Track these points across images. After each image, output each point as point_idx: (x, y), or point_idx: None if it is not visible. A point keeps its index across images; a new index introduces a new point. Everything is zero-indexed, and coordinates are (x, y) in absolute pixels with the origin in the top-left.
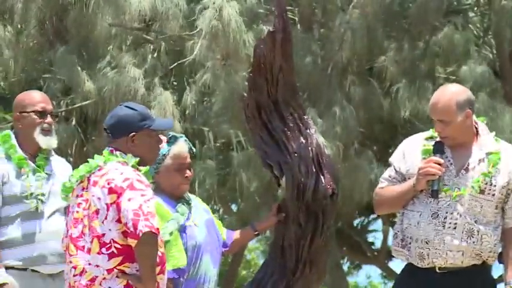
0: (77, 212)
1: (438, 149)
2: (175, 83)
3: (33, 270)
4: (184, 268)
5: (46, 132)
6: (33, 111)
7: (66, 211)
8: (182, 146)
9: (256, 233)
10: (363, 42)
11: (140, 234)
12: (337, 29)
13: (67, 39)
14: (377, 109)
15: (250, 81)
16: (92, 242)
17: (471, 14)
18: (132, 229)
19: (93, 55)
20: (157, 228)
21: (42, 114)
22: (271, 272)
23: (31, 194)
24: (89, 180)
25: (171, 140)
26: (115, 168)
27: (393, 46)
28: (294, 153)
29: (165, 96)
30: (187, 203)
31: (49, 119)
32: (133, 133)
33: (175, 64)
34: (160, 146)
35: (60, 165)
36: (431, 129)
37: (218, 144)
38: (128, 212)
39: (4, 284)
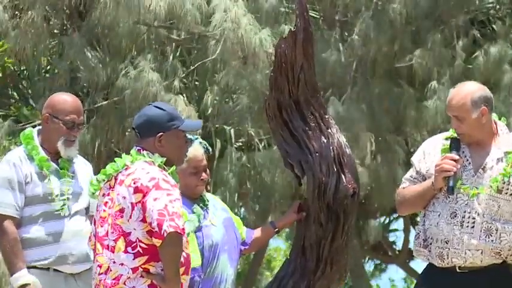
0: (104, 210)
1: (454, 145)
2: (196, 83)
3: (55, 270)
4: (198, 267)
5: (70, 143)
6: (62, 121)
7: (96, 210)
8: (197, 149)
9: (276, 230)
10: (387, 39)
11: (165, 235)
12: (361, 26)
13: (86, 37)
14: (404, 107)
15: (272, 81)
16: (116, 240)
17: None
18: (157, 229)
19: (112, 54)
20: (183, 229)
21: (71, 125)
22: (292, 271)
23: (57, 195)
24: (115, 179)
25: (188, 145)
26: (141, 167)
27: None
28: (315, 153)
29: (177, 100)
30: (204, 203)
31: (76, 131)
32: (161, 133)
33: (197, 64)
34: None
35: (81, 166)
36: (451, 129)
37: (240, 144)
38: (153, 211)
39: (27, 284)
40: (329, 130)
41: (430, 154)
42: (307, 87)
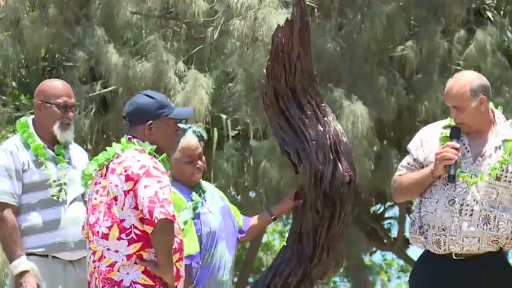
0: (95, 198)
1: (454, 134)
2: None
3: (54, 257)
4: (196, 254)
5: (65, 126)
6: (55, 104)
7: (88, 198)
8: (190, 138)
9: (273, 217)
10: (382, 30)
11: (156, 221)
12: (357, 16)
13: (89, 24)
14: (397, 97)
15: (269, 69)
16: (110, 228)
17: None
18: (148, 216)
19: (117, 40)
20: (173, 215)
21: (64, 108)
22: (288, 258)
23: (54, 181)
24: (107, 167)
25: (179, 133)
26: (132, 155)
27: (413, 35)
28: (312, 141)
29: (197, 77)
30: (202, 191)
31: (70, 113)
32: (151, 121)
33: (197, 48)
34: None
35: (77, 153)
36: (448, 118)
37: (236, 132)
38: (144, 199)
39: (26, 271)
40: (325, 118)
41: (428, 142)
42: (303, 75)
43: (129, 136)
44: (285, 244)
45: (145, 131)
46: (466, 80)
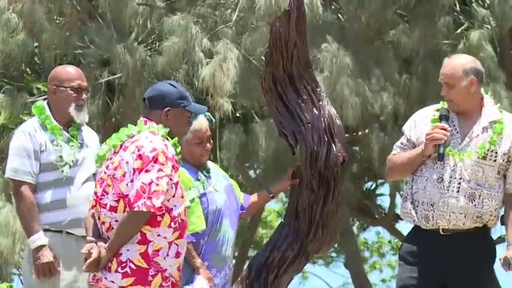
0: (104, 172)
1: (443, 116)
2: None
3: (67, 233)
4: (202, 232)
5: (80, 107)
6: (69, 87)
7: (98, 172)
8: (202, 122)
9: (271, 195)
10: (375, 17)
11: (136, 209)
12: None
13: (99, 15)
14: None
15: (267, 57)
16: (118, 201)
17: None
18: (132, 198)
19: (125, 29)
20: (159, 207)
21: (78, 90)
22: (286, 234)
23: (61, 158)
24: (120, 146)
25: (192, 116)
26: (145, 136)
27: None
28: (308, 124)
29: (230, 48)
30: (207, 171)
31: (84, 95)
32: (169, 108)
33: (220, 27)
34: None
35: (89, 135)
36: (441, 101)
37: (238, 115)
38: (139, 181)
39: (43, 246)
40: (320, 102)
41: (421, 123)
42: (300, 62)
43: (144, 119)
44: (283, 221)
45: (161, 116)
46: (460, 60)
